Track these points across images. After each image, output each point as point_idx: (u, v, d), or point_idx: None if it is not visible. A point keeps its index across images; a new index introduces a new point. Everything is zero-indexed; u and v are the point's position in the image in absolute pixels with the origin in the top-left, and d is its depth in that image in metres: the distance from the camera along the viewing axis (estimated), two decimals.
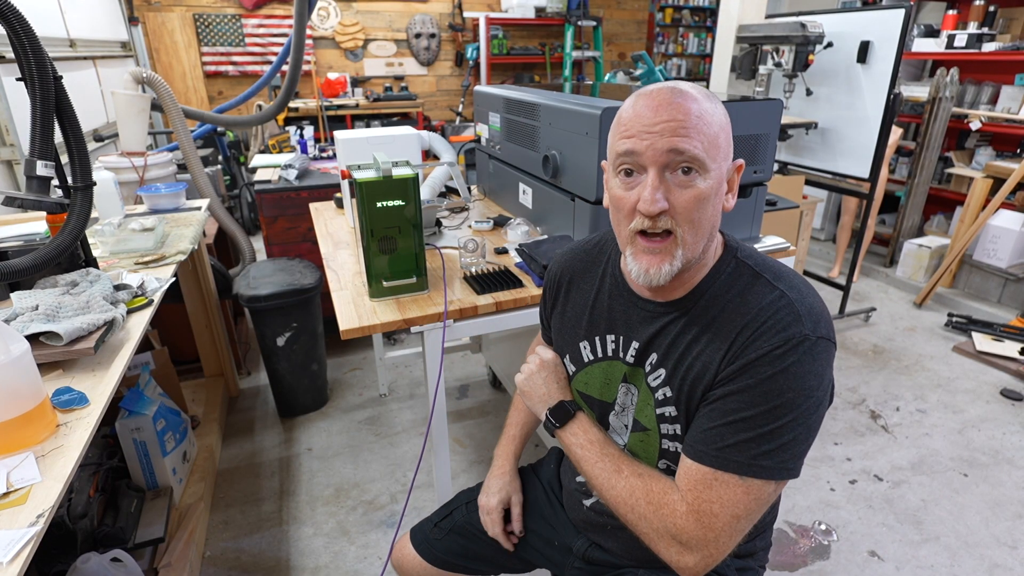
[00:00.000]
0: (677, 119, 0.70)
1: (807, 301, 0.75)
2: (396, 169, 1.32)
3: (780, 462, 0.72)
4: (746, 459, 0.72)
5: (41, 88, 1.22)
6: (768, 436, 0.71)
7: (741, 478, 0.72)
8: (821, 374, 0.72)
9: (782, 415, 0.71)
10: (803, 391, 0.71)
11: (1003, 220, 3.37)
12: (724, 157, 0.74)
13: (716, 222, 0.77)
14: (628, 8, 6.76)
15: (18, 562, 0.74)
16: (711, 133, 0.71)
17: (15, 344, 0.92)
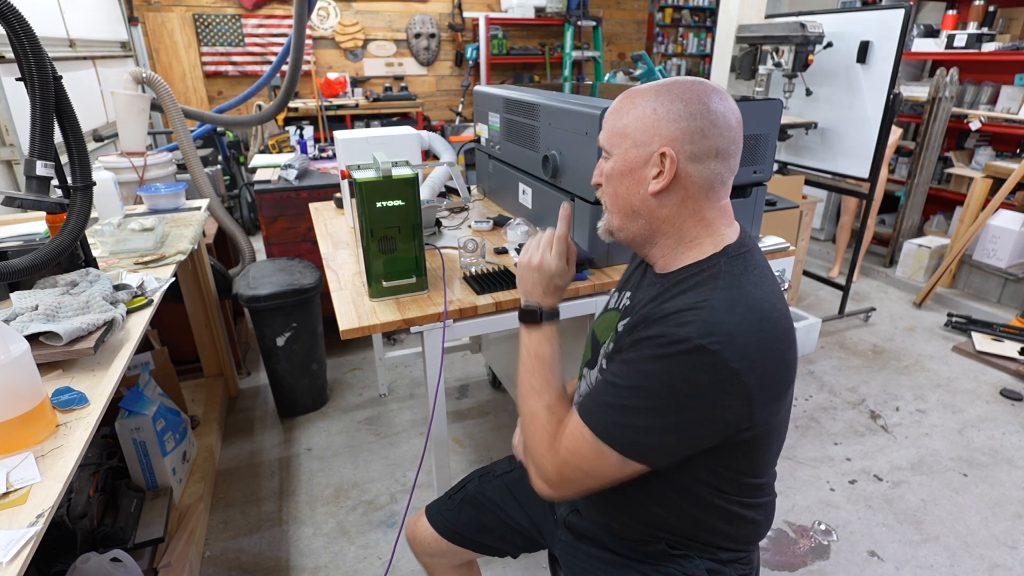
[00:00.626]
0: (607, 118, 0.88)
1: (726, 319, 0.75)
2: (396, 169, 1.32)
3: (628, 440, 0.78)
4: (602, 422, 0.80)
5: (41, 88, 1.22)
6: (624, 410, 0.78)
7: (595, 436, 0.80)
8: (693, 382, 0.74)
9: (640, 398, 0.77)
10: (667, 388, 0.75)
11: (1003, 220, 3.37)
12: (635, 144, 0.83)
13: (636, 201, 0.85)
14: (628, 8, 6.76)
15: (18, 562, 0.74)
16: (619, 124, 0.85)
17: (15, 344, 0.92)
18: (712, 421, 0.77)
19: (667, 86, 0.83)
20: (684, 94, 0.81)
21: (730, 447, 0.82)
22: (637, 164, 0.84)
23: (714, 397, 0.75)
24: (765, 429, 0.82)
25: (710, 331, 0.74)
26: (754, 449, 0.85)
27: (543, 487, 0.87)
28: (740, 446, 0.82)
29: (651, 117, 0.82)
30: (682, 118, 0.80)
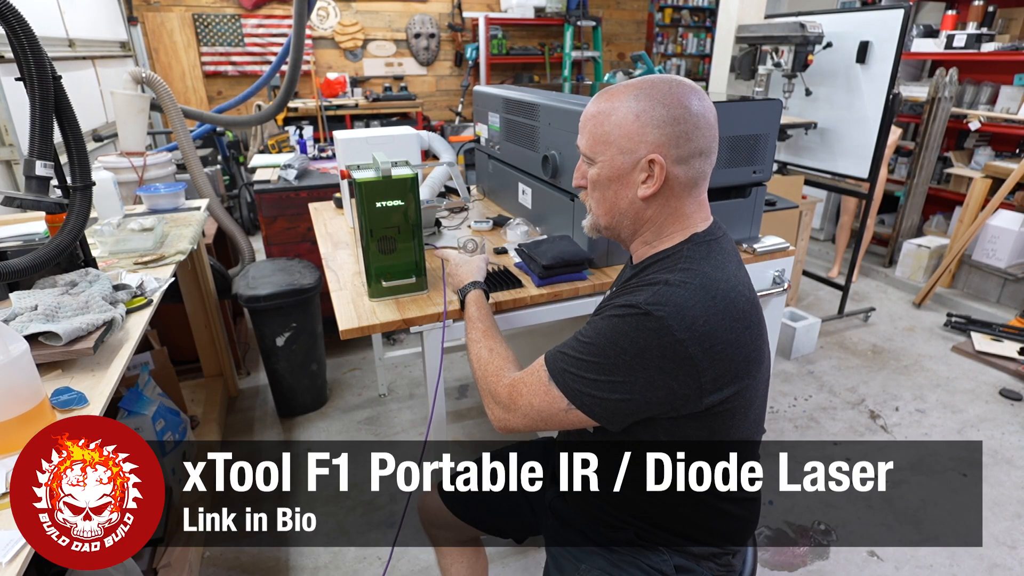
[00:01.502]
0: (583, 122, 0.90)
1: (677, 292, 0.80)
2: (395, 169, 1.32)
3: (576, 389, 0.85)
4: (557, 367, 0.88)
5: (40, 88, 1.22)
6: (578, 362, 0.85)
7: (549, 378, 0.88)
8: (639, 345, 0.79)
9: (592, 353, 0.84)
10: (615, 347, 0.81)
11: (1002, 220, 3.37)
12: (621, 151, 0.86)
13: (623, 205, 0.89)
14: (627, 8, 6.76)
15: (17, 562, 0.74)
16: (601, 131, 0.87)
17: (14, 344, 0.92)
18: (657, 387, 0.80)
19: (645, 89, 0.84)
20: (665, 98, 0.83)
21: (690, 426, 0.84)
22: (625, 170, 0.86)
23: (658, 363, 0.79)
24: (724, 410, 0.84)
25: (659, 300, 0.80)
26: (716, 431, 0.86)
27: (494, 409, 0.97)
28: (699, 426, 0.84)
29: (635, 123, 0.84)
30: (666, 123, 0.83)
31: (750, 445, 0.93)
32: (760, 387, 0.91)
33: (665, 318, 0.78)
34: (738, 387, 0.84)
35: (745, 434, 0.90)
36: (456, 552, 1.28)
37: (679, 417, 0.84)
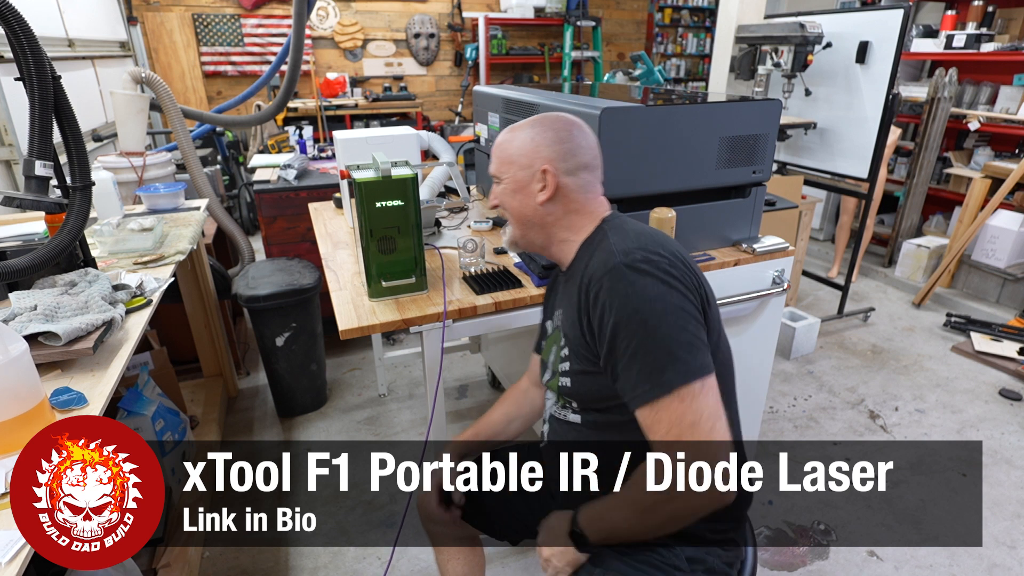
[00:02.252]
0: (493, 151, 1.07)
1: (626, 242, 0.93)
2: (395, 169, 1.32)
3: (679, 368, 0.84)
4: (657, 382, 0.84)
5: (40, 88, 1.22)
6: (650, 356, 0.85)
7: (669, 395, 0.84)
8: (645, 287, 0.87)
9: (641, 334, 0.86)
10: (640, 308, 0.86)
11: (1002, 220, 3.37)
12: (521, 167, 1.03)
13: (528, 211, 1.04)
14: (627, 8, 6.76)
15: (17, 562, 0.74)
16: (505, 155, 1.04)
17: (13, 344, 0.92)
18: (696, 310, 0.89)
19: (539, 120, 1.04)
20: (553, 124, 1.02)
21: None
22: (525, 182, 1.03)
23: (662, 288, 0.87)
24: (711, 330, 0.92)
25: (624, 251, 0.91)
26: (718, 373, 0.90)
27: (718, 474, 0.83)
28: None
29: (530, 144, 1.02)
30: (554, 143, 1.01)
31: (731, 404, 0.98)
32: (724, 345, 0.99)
33: (647, 259, 0.89)
34: (710, 308, 0.94)
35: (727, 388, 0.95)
36: (454, 549, 1.29)
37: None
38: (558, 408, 1.10)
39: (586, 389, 1.00)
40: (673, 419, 0.83)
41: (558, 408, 1.10)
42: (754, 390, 1.90)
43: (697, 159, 1.52)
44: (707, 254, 1.65)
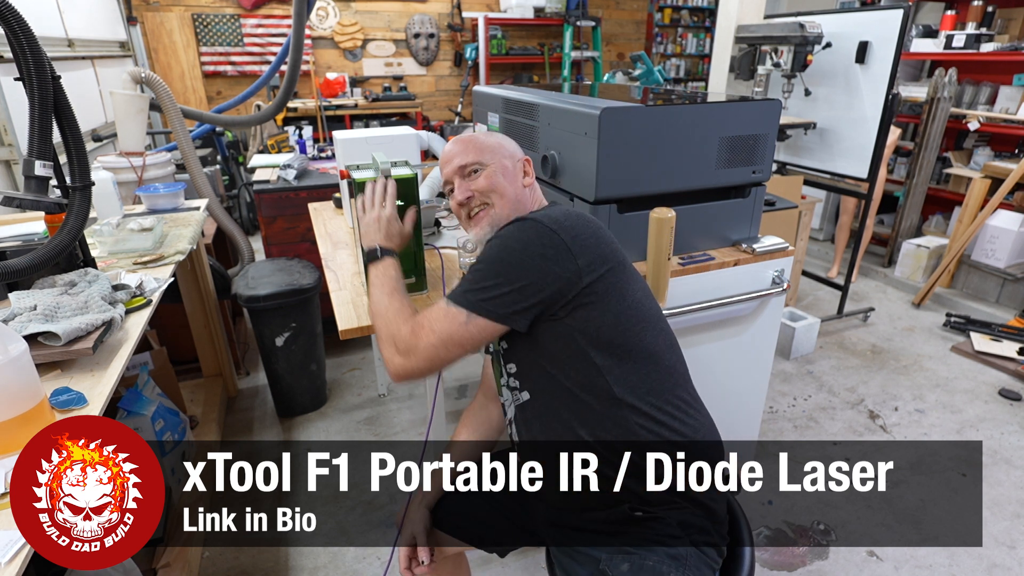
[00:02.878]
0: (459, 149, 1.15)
1: (538, 214, 1.02)
2: (395, 169, 1.32)
3: (473, 299, 0.97)
4: (454, 294, 1.00)
5: (39, 88, 1.22)
6: (470, 282, 0.99)
7: (446, 303, 1.00)
8: (520, 239, 0.98)
9: (482, 270, 0.98)
10: (500, 250, 0.98)
11: (1001, 220, 3.37)
12: (506, 156, 1.15)
13: (518, 192, 1.14)
14: (627, 8, 6.76)
15: (16, 562, 0.74)
16: (486, 144, 1.15)
17: (13, 344, 0.92)
18: (544, 272, 0.96)
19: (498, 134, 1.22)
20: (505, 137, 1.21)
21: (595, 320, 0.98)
22: (512, 169, 1.14)
23: (540, 251, 0.96)
24: (608, 288, 0.99)
25: (533, 215, 1.02)
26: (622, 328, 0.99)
27: (395, 357, 1.02)
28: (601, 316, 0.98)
29: (507, 142, 1.18)
30: (514, 145, 1.19)
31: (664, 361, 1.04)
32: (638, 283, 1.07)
33: (538, 220, 0.99)
34: (610, 265, 1.00)
35: (651, 340, 1.03)
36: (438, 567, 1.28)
37: (578, 307, 0.97)
38: (512, 396, 1.13)
39: (516, 349, 1.07)
40: (433, 317, 1.00)
41: (512, 396, 1.13)
42: (754, 390, 1.90)
43: (697, 159, 1.52)
44: (707, 254, 1.65)
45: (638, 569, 0.95)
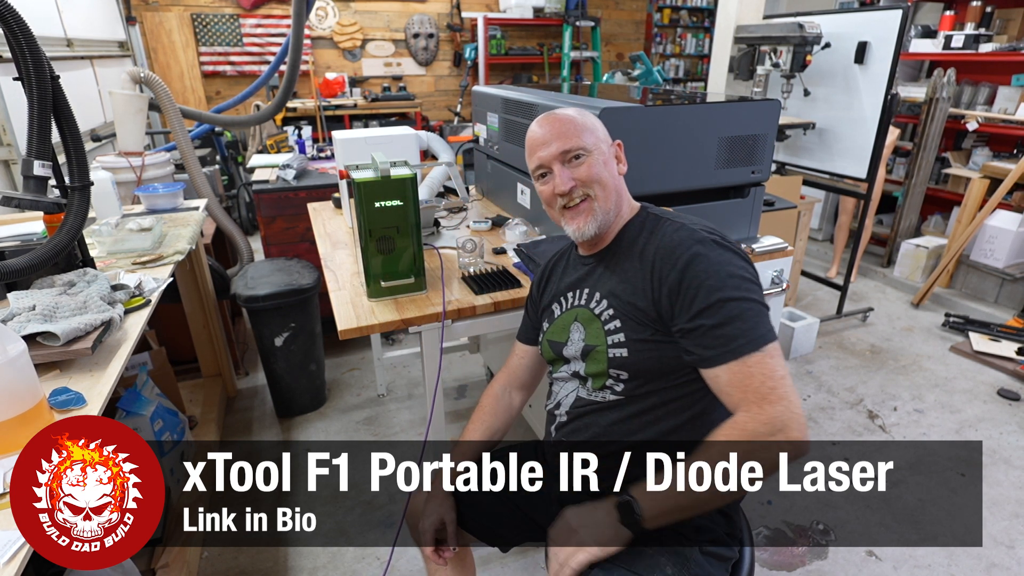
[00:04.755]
0: (557, 131, 1.04)
1: (698, 226, 0.99)
2: (394, 169, 1.32)
3: (767, 329, 0.90)
4: (751, 337, 0.88)
5: (38, 88, 1.22)
6: (745, 316, 0.89)
7: (760, 350, 0.88)
8: (731, 260, 0.94)
9: (736, 296, 0.90)
10: (734, 275, 0.92)
11: (1000, 220, 3.38)
12: (601, 140, 1.06)
13: (617, 182, 1.07)
14: (626, 8, 6.76)
15: (15, 563, 0.74)
16: (582, 126, 1.04)
17: (12, 344, 0.92)
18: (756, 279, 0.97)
19: (585, 111, 1.08)
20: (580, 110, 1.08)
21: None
22: (609, 154, 1.07)
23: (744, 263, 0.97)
24: None
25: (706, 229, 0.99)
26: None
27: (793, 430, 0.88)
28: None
29: (596, 123, 1.07)
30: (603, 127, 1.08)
31: None
32: None
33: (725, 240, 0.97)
34: None
35: None
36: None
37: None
38: (590, 390, 1.06)
39: (646, 357, 0.98)
40: (766, 371, 0.87)
41: (590, 390, 1.06)
42: None
43: (696, 159, 1.53)
44: None
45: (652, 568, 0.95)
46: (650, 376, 0.99)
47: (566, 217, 1.06)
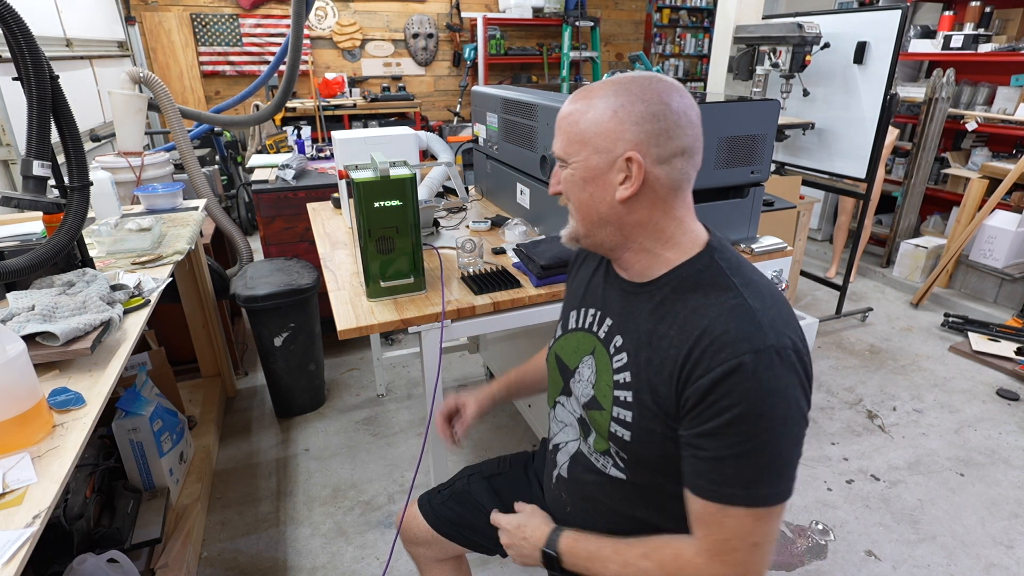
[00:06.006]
0: (559, 120, 0.83)
1: (768, 311, 0.74)
2: (394, 169, 1.32)
3: (775, 487, 0.72)
4: (747, 490, 0.71)
5: (38, 88, 1.22)
6: (757, 462, 0.71)
7: (749, 508, 0.72)
8: (784, 390, 0.71)
9: (762, 437, 0.71)
10: (774, 409, 0.70)
11: (999, 220, 3.38)
12: (596, 150, 0.79)
13: (603, 208, 0.81)
14: (626, 8, 6.76)
15: (14, 563, 0.74)
16: (574, 130, 0.80)
17: (11, 344, 0.92)
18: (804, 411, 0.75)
19: (625, 85, 0.78)
20: (644, 94, 0.77)
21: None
22: (600, 171, 0.79)
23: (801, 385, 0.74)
24: None
25: (775, 327, 0.73)
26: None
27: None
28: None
29: (612, 121, 0.77)
30: (645, 120, 0.76)
31: None
32: None
33: (795, 342, 0.73)
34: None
35: None
36: (437, 570, 1.27)
37: None
38: (593, 451, 0.91)
39: (650, 449, 0.82)
40: (741, 532, 0.72)
41: (593, 451, 0.91)
42: None
43: None
44: None
45: None
46: (652, 466, 0.84)
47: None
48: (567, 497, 0.99)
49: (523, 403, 2.32)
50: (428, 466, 1.57)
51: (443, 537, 1.20)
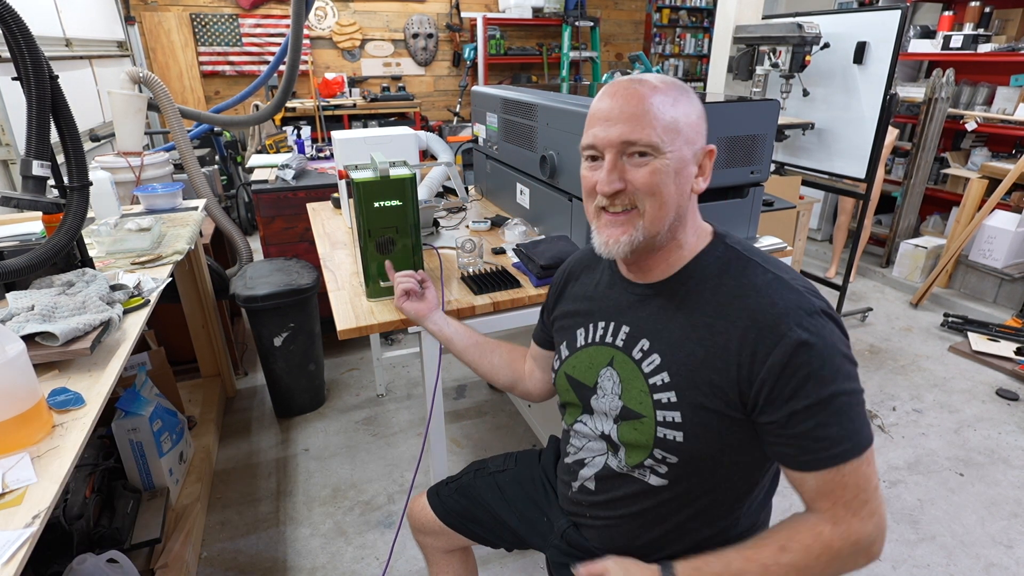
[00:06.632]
0: (629, 110, 0.78)
1: (798, 279, 0.79)
2: (393, 169, 1.32)
3: (867, 428, 0.75)
4: (856, 441, 0.73)
5: (37, 88, 1.22)
6: (851, 413, 0.73)
7: (860, 456, 0.74)
8: (840, 340, 0.75)
9: (847, 389, 0.73)
10: (844, 363, 0.74)
11: (999, 220, 3.38)
12: (687, 142, 0.79)
13: (682, 200, 0.81)
14: (625, 8, 6.76)
15: (13, 563, 0.74)
16: (668, 119, 0.78)
17: (11, 344, 0.92)
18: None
19: (676, 82, 0.82)
20: (676, 85, 0.82)
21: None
22: (687, 162, 0.80)
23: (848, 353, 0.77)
24: None
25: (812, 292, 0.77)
26: None
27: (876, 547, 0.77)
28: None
29: (697, 115, 0.81)
30: (703, 118, 0.83)
31: None
32: None
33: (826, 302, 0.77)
34: None
35: None
36: (443, 562, 1.28)
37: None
38: (621, 461, 0.89)
39: (707, 446, 0.80)
40: (862, 482, 0.74)
41: (621, 461, 0.89)
42: None
43: None
44: None
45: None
46: (707, 463, 0.82)
47: (600, 221, 0.83)
48: (589, 507, 0.98)
49: (523, 403, 2.32)
50: (428, 466, 1.57)
51: (451, 529, 1.21)
